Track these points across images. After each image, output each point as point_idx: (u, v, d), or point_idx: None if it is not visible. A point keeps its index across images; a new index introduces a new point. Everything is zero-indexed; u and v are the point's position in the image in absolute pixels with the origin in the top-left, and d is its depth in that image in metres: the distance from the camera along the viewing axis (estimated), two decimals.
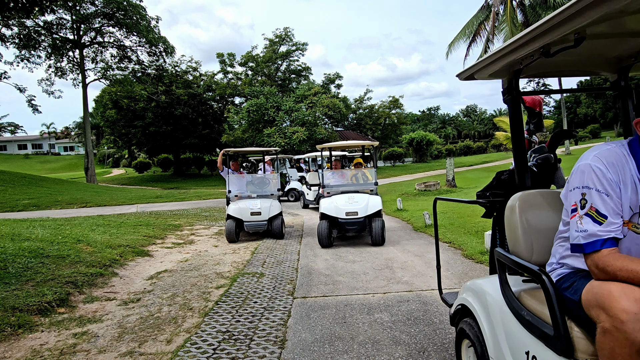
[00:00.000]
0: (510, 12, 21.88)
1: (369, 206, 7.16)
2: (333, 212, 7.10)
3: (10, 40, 26.58)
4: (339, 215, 7.05)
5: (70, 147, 77.72)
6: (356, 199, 7.26)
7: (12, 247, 5.36)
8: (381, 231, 6.94)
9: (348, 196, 7.37)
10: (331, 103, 28.38)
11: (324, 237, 6.94)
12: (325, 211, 7.19)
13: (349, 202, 7.21)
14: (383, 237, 6.95)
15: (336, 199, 7.34)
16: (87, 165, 30.64)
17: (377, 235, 6.88)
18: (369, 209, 7.12)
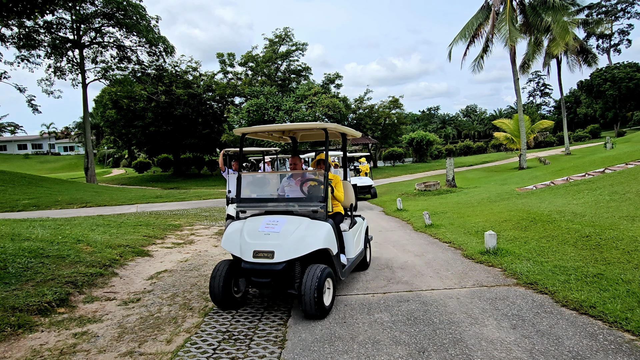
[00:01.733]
0: (509, 12, 21.87)
1: (296, 243, 3.86)
2: (236, 249, 4.05)
3: (10, 40, 26.57)
4: (244, 255, 3.93)
5: (70, 147, 77.71)
6: (279, 228, 4.01)
7: (12, 247, 5.36)
8: (317, 293, 3.63)
9: (267, 221, 4.13)
10: (331, 103, 28.39)
11: (217, 291, 3.95)
12: (225, 245, 4.20)
13: (265, 232, 4.01)
14: (321, 305, 3.71)
15: (249, 224, 4.20)
16: (87, 165, 30.62)
17: (310, 301, 3.66)
18: (296, 247, 3.84)
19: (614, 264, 4.64)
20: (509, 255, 5.50)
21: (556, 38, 21.37)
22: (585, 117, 60.18)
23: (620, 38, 59.59)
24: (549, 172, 16.19)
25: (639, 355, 2.87)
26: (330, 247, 4.05)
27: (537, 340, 3.18)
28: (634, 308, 3.50)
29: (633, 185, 8.67)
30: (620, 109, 52.08)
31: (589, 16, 50.25)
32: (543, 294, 4.17)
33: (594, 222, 6.45)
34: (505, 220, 7.82)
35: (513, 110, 57.98)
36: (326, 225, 4.11)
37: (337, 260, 4.21)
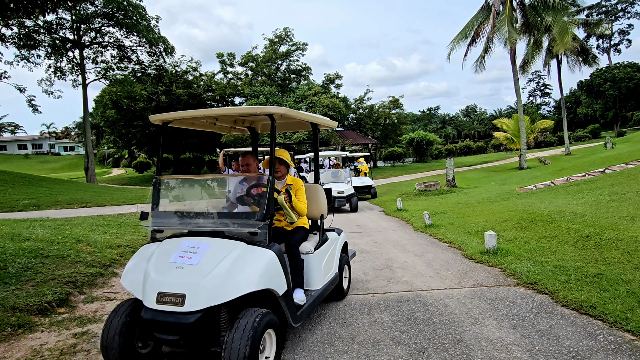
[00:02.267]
0: (509, 12, 21.87)
1: (219, 283, 2.67)
2: (137, 288, 2.87)
3: (10, 40, 26.57)
4: (145, 299, 2.72)
5: (70, 147, 77.74)
6: (197, 259, 2.81)
7: (12, 247, 5.36)
8: (249, 353, 2.47)
9: (185, 247, 2.91)
10: (331, 103, 28.41)
11: (111, 346, 2.75)
12: (125, 281, 3.01)
13: (177, 263, 2.82)
14: None
15: (161, 251, 2.99)
16: (87, 165, 30.63)
17: None
18: (218, 290, 2.65)
19: (614, 264, 4.64)
20: (509, 255, 5.51)
21: (556, 38, 21.37)
22: (585, 117, 60.18)
23: (620, 38, 59.64)
24: (549, 172, 16.19)
25: (639, 355, 2.87)
26: (272, 287, 2.80)
27: (537, 340, 3.18)
28: (634, 308, 3.50)
29: (633, 185, 8.68)
30: (620, 109, 52.08)
31: (589, 16, 50.30)
32: (543, 294, 4.17)
33: (594, 222, 6.45)
34: (505, 220, 7.82)
35: (513, 110, 57.98)
36: (267, 254, 2.86)
37: (286, 300, 2.93)
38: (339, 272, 4.15)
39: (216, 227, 3.05)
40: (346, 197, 11.93)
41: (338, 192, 11.71)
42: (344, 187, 12.14)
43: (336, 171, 13.43)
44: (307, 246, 3.68)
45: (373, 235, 8.07)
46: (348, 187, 12.22)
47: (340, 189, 11.81)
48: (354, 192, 12.38)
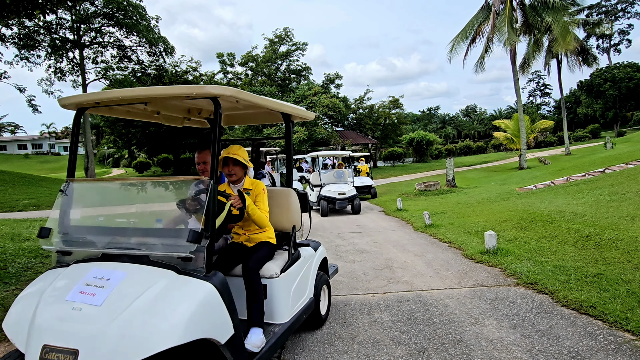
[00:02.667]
0: (509, 13, 21.86)
1: (127, 334, 1.82)
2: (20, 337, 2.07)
3: (10, 40, 26.58)
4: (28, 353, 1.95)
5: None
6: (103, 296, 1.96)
7: (12, 247, 5.36)
8: None
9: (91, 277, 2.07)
10: (331, 103, 28.41)
11: None
12: (7, 325, 2.18)
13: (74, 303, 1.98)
14: None
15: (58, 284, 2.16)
16: (87, 165, 30.63)
17: None
18: (125, 345, 1.80)
19: (614, 264, 4.64)
20: (509, 255, 5.51)
21: (557, 38, 21.36)
22: (585, 117, 60.18)
23: (620, 38, 59.62)
24: (549, 172, 16.19)
25: (639, 355, 2.87)
26: (209, 335, 2.03)
27: (537, 340, 3.18)
28: (634, 308, 3.50)
29: (633, 185, 8.68)
30: (620, 109, 52.09)
31: (589, 16, 50.30)
32: (543, 294, 4.17)
33: (594, 222, 6.45)
34: (505, 220, 7.82)
35: (513, 110, 57.99)
36: (203, 288, 2.08)
37: (232, 350, 2.16)
38: (314, 296, 3.39)
39: (137, 250, 2.22)
40: (347, 198, 11.57)
41: (339, 193, 11.45)
42: (345, 188, 11.71)
43: (340, 171, 12.88)
44: (271, 268, 2.92)
45: (373, 235, 8.07)
46: (350, 188, 11.78)
47: (341, 190, 11.53)
48: (356, 193, 11.86)
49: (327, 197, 11.44)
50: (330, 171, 13.10)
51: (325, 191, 11.57)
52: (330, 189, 11.59)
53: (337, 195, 11.41)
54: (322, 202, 11.38)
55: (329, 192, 11.53)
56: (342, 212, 12.16)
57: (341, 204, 11.47)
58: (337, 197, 11.39)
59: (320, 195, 11.59)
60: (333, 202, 11.45)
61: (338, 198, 11.41)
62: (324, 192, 11.54)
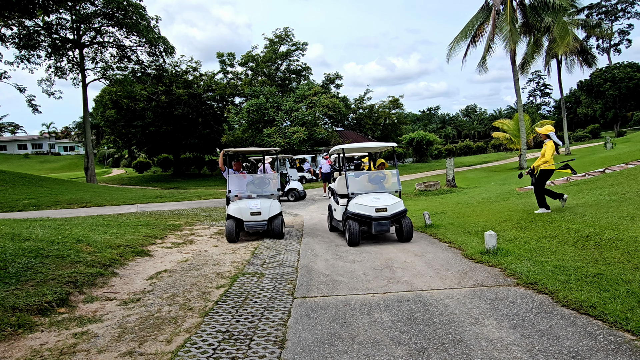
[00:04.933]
0: (510, 12, 21.86)
1: None
2: None
3: (10, 40, 26.58)
4: None
5: (70, 147, 77.75)
6: None
7: (12, 247, 5.36)
8: None
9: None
10: (331, 103, 28.40)
11: None
12: None
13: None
14: None
15: None
16: (87, 165, 30.63)
17: None
18: None
19: (614, 264, 4.64)
20: (509, 255, 5.50)
21: (556, 39, 21.36)
22: (585, 117, 60.18)
23: (620, 38, 59.62)
24: None
25: (639, 355, 2.87)
26: None
27: (537, 340, 3.18)
28: (634, 308, 3.50)
29: (633, 185, 8.67)
30: (620, 109, 52.09)
31: (589, 17, 50.27)
32: (543, 294, 4.17)
33: (594, 222, 6.45)
34: (505, 220, 7.82)
35: (513, 110, 57.95)
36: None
37: None
38: None
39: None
40: (391, 217, 7.10)
41: (377, 208, 7.08)
42: (387, 199, 7.31)
43: (379, 174, 8.40)
44: None
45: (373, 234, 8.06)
46: (395, 201, 7.30)
47: (381, 204, 7.16)
48: (404, 208, 7.35)
49: (359, 216, 7.16)
50: (362, 174, 8.45)
51: (356, 206, 7.23)
52: (363, 202, 7.21)
53: (373, 213, 7.09)
54: (349, 223, 7.11)
55: (361, 206, 7.18)
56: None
57: (380, 225, 7.09)
58: (373, 216, 7.08)
59: (348, 212, 7.32)
60: (367, 223, 7.17)
61: (376, 217, 7.08)
62: (354, 208, 7.25)
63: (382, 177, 8.34)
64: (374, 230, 7.11)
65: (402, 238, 7.26)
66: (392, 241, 7.30)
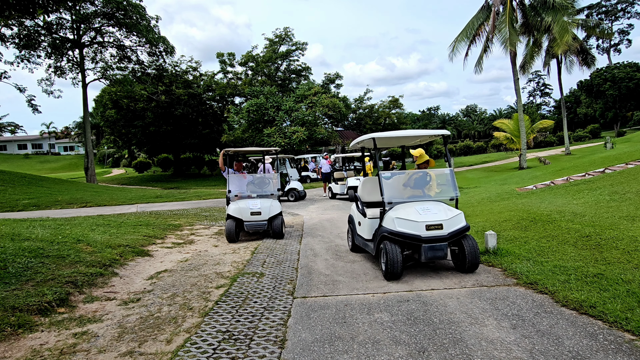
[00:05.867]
0: (509, 13, 21.85)
1: None
2: None
3: (10, 40, 26.57)
4: None
5: (70, 147, 77.76)
6: None
7: (12, 247, 5.36)
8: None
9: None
10: (331, 103, 28.38)
11: None
12: None
13: None
14: None
15: None
16: (87, 165, 30.63)
17: None
18: None
19: (614, 264, 4.64)
20: (509, 255, 5.50)
21: (556, 38, 21.36)
22: (585, 117, 60.15)
23: (620, 38, 59.59)
24: (549, 172, 16.18)
25: (639, 355, 2.87)
26: None
27: (537, 340, 3.18)
28: (634, 308, 3.50)
29: (633, 185, 8.67)
30: (620, 108, 52.08)
31: (589, 16, 50.28)
32: (543, 293, 4.17)
33: (594, 222, 6.45)
34: (505, 220, 7.81)
35: (513, 110, 57.96)
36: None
37: None
38: None
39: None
40: (448, 237, 4.97)
41: (428, 225, 4.94)
42: (438, 212, 5.09)
43: (424, 176, 5.95)
44: None
45: None
46: (453, 213, 5.14)
47: (433, 220, 4.99)
48: (466, 224, 5.15)
49: (401, 236, 4.97)
50: (398, 174, 6.00)
51: (396, 221, 5.04)
52: (406, 216, 5.05)
53: (423, 231, 4.92)
54: (387, 246, 4.96)
55: (403, 222, 5.01)
56: (343, 206, 11.69)
57: (434, 250, 4.93)
58: (423, 236, 4.91)
59: (383, 230, 5.16)
60: (413, 246, 5.07)
61: (427, 237, 4.91)
62: (393, 224, 5.06)
63: (427, 179, 5.91)
64: (423, 257, 4.88)
65: (465, 267, 5.04)
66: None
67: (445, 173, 5.88)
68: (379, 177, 5.41)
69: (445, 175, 5.95)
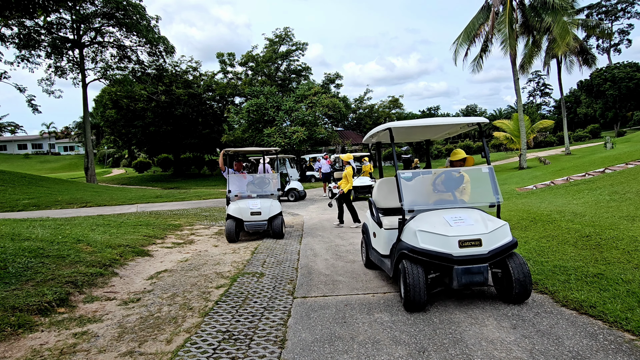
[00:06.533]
0: (509, 13, 21.85)
1: None
2: None
3: (10, 40, 26.57)
4: None
5: (70, 147, 77.76)
6: None
7: (12, 247, 5.36)
8: None
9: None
10: (331, 103, 28.39)
11: None
12: None
13: None
14: None
15: None
16: (87, 165, 30.63)
17: None
18: None
19: (614, 264, 4.64)
20: None
21: (556, 39, 21.35)
22: (585, 117, 60.15)
23: (620, 38, 59.60)
24: (549, 172, 16.18)
25: (639, 355, 2.87)
26: None
27: (537, 340, 3.18)
28: (634, 308, 3.50)
29: (633, 185, 8.67)
30: (620, 108, 52.09)
31: (589, 17, 50.28)
32: (543, 293, 4.17)
33: (594, 222, 6.45)
34: (505, 220, 7.81)
35: (513, 110, 57.98)
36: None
37: None
38: None
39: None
40: (489, 256, 3.80)
41: (463, 240, 3.80)
42: (478, 222, 3.99)
43: (455, 175, 4.82)
44: None
45: None
46: (495, 225, 4.01)
47: (468, 231, 3.87)
48: (513, 238, 3.99)
49: (426, 254, 3.87)
50: (421, 174, 4.83)
51: (419, 235, 3.95)
52: (433, 228, 3.94)
53: (455, 249, 3.79)
54: (407, 267, 3.88)
55: (429, 237, 3.92)
56: None
57: (470, 274, 3.77)
58: (455, 255, 3.78)
59: (403, 246, 4.08)
60: (442, 267, 3.93)
61: (460, 256, 3.78)
62: (415, 238, 3.98)
63: (459, 180, 4.78)
64: (456, 283, 3.78)
65: (511, 296, 3.91)
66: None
67: (484, 172, 4.56)
68: (396, 177, 4.29)
69: (483, 175, 4.62)
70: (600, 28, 28.46)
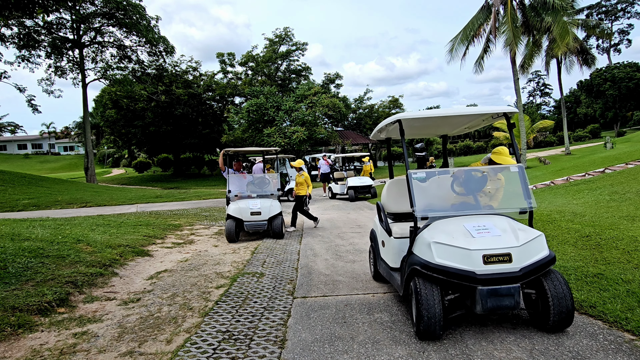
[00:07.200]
0: (511, 13, 21.84)
1: None
2: None
3: (10, 40, 26.56)
4: None
5: (70, 147, 77.75)
6: None
7: (12, 247, 5.36)
8: None
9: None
10: (331, 103, 28.39)
11: None
12: None
13: None
14: None
15: None
16: (87, 165, 30.62)
17: None
18: None
19: (614, 264, 4.64)
20: None
21: (556, 39, 21.35)
22: (585, 117, 60.14)
23: (620, 38, 59.60)
24: (549, 172, 16.18)
25: (639, 355, 2.87)
26: None
27: (537, 340, 3.18)
28: (634, 308, 3.50)
29: (633, 185, 8.67)
30: (620, 108, 52.09)
31: (589, 17, 50.30)
32: None
33: (594, 222, 6.45)
34: None
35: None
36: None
37: None
38: None
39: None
40: (521, 275, 3.04)
41: (488, 255, 3.05)
42: (507, 232, 3.30)
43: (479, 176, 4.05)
44: None
45: None
46: (528, 237, 3.39)
47: (494, 244, 3.13)
48: (549, 252, 3.31)
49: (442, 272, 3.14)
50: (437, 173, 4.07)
51: (436, 249, 3.21)
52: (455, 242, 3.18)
53: (479, 266, 3.04)
54: (420, 287, 3.20)
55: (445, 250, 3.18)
56: (340, 209, 11.83)
57: (498, 297, 3.03)
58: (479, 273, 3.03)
59: (415, 261, 3.35)
60: (466, 288, 3.17)
61: (484, 275, 3.03)
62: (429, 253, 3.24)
63: (481, 180, 4.09)
64: (480, 307, 3.09)
65: (548, 322, 3.22)
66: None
67: (513, 172, 3.91)
68: (407, 178, 3.59)
69: (511, 175, 3.97)
70: (600, 28, 28.48)
